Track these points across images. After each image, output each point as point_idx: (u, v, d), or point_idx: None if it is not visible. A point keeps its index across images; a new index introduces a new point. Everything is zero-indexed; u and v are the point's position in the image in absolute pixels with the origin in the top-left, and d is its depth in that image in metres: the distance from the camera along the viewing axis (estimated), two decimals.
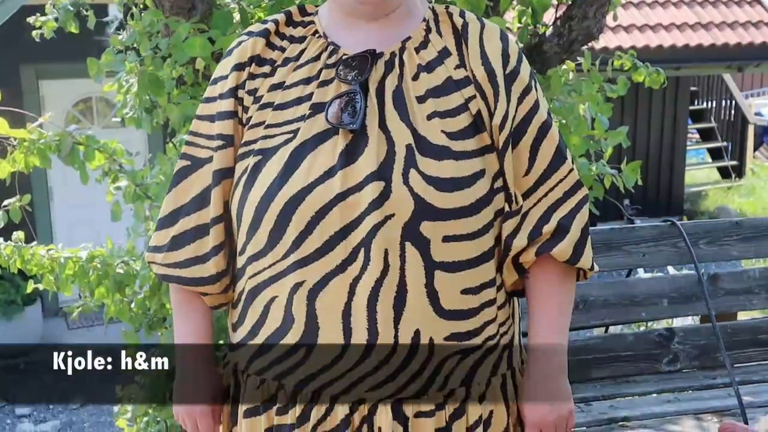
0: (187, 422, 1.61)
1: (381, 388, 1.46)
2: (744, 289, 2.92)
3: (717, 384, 2.77)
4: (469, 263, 1.48)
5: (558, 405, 1.56)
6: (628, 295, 2.81)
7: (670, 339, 2.86)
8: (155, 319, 3.12)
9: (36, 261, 3.07)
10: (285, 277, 1.47)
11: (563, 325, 1.58)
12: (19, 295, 6.55)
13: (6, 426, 5.57)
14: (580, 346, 2.77)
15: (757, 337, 2.94)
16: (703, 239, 2.88)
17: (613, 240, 2.80)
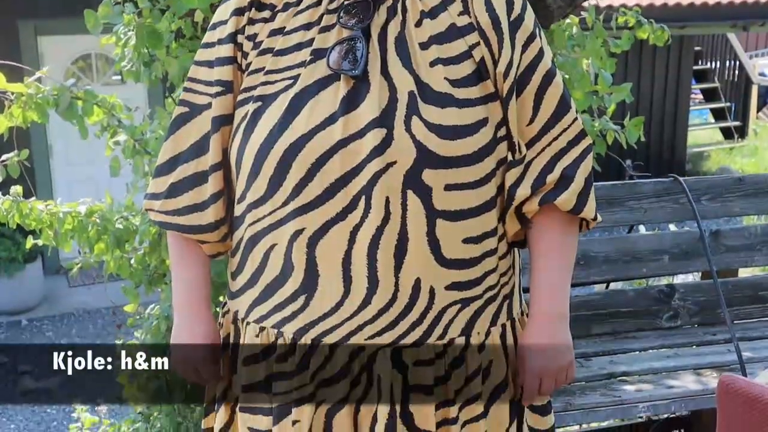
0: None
1: (381, 337, 1.45)
2: (745, 246, 2.91)
3: (717, 340, 2.77)
4: (471, 212, 1.47)
5: (559, 355, 1.55)
6: (629, 251, 2.80)
7: (670, 295, 2.85)
8: (155, 275, 3.11)
9: (34, 215, 3.05)
10: (285, 224, 1.46)
11: (565, 275, 1.58)
12: (20, 252, 6.55)
13: (8, 382, 5.59)
14: (581, 302, 2.77)
15: (757, 293, 2.93)
16: (705, 195, 2.86)
17: (615, 196, 2.78)
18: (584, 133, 1.57)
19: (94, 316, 6.57)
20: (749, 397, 1.56)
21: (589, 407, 2.30)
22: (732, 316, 2.64)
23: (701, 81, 12.57)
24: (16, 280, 6.58)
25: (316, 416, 1.47)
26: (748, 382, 1.58)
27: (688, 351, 2.68)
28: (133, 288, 3.17)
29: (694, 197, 2.77)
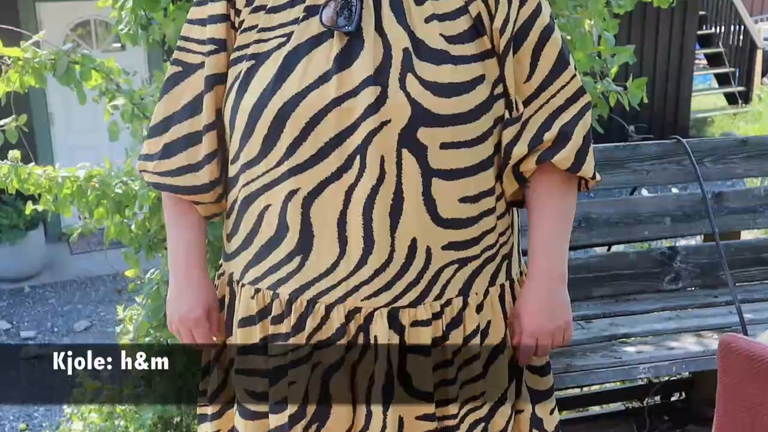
0: (182, 332, 1.60)
1: (377, 297, 1.44)
2: (748, 208, 2.88)
3: (718, 302, 2.75)
4: (468, 171, 1.45)
5: (556, 315, 1.54)
6: (631, 213, 2.78)
7: (672, 258, 2.84)
8: (155, 240, 3.10)
9: (33, 180, 3.03)
10: (279, 184, 1.44)
11: (564, 234, 1.56)
12: (21, 219, 6.54)
13: (12, 348, 5.61)
14: (582, 264, 2.75)
15: (759, 256, 2.92)
16: (708, 157, 2.84)
17: (617, 157, 2.75)
18: (583, 90, 1.54)
19: (96, 282, 6.59)
20: (750, 356, 1.55)
21: (589, 369, 2.29)
22: (734, 279, 2.62)
23: (705, 46, 12.46)
24: (17, 247, 6.58)
25: (312, 378, 1.47)
26: (749, 341, 1.57)
27: (689, 313, 2.66)
28: (133, 253, 3.16)
29: (696, 159, 2.74)
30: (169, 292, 1.62)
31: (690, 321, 2.59)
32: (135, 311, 3.33)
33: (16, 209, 6.48)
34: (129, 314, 3.38)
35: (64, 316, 6.07)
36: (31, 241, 6.66)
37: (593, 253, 2.90)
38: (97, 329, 5.84)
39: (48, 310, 6.17)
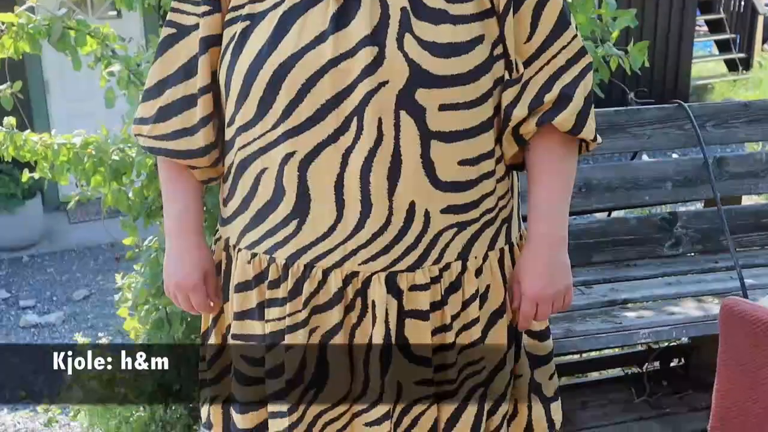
0: (179, 297, 1.59)
1: (374, 261, 1.42)
2: (750, 173, 2.86)
3: (719, 268, 2.74)
4: (467, 133, 1.43)
5: (557, 279, 1.52)
6: (631, 178, 2.76)
7: (672, 223, 2.82)
8: (153, 208, 3.08)
9: (29, 147, 3.01)
10: (275, 147, 1.42)
11: (564, 197, 1.54)
12: (19, 188, 6.51)
13: (11, 317, 5.62)
14: (582, 230, 2.73)
15: (760, 221, 2.90)
16: (710, 121, 2.81)
17: (618, 122, 2.73)
18: (584, 51, 1.51)
19: (94, 252, 6.58)
20: (752, 319, 1.54)
21: (589, 334, 2.28)
22: (734, 244, 2.60)
23: (706, 12, 12.36)
24: (15, 217, 6.57)
25: (309, 342, 1.45)
26: (752, 305, 1.55)
27: (689, 278, 2.65)
28: (131, 221, 3.14)
29: (699, 123, 2.72)
30: (165, 257, 1.61)
31: (690, 286, 2.58)
32: (133, 279, 3.32)
33: (13, 178, 6.46)
34: (128, 282, 3.37)
35: (63, 285, 6.07)
36: (29, 210, 6.64)
37: (593, 219, 2.88)
38: (96, 298, 5.84)
39: (47, 280, 6.17)
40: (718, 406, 1.62)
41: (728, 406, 1.61)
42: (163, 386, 3.30)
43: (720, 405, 1.62)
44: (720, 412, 1.62)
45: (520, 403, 1.62)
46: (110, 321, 5.19)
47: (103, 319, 5.40)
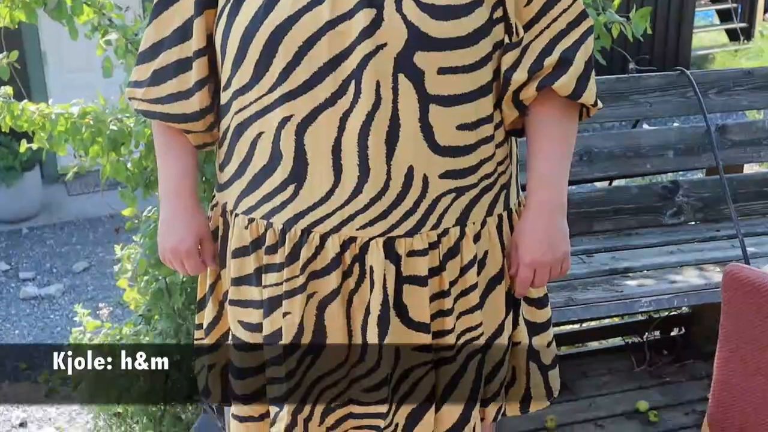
0: (174, 263, 1.58)
1: (372, 226, 1.40)
2: (752, 141, 2.85)
3: (720, 236, 2.73)
4: (466, 97, 1.41)
5: (555, 246, 1.51)
6: (633, 146, 2.74)
7: (674, 192, 2.80)
8: (152, 179, 3.06)
9: (26, 117, 2.99)
10: (272, 111, 1.40)
11: (564, 163, 1.52)
12: (17, 161, 6.49)
13: (11, 289, 5.62)
14: (583, 199, 2.72)
15: (762, 189, 2.89)
16: (712, 89, 2.79)
17: (619, 89, 2.70)
18: (585, 14, 1.49)
19: (94, 224, 6.57)
20: (755, 285, 1.53)
21: (590, 302, 2.27)
22: (736, 213, 2.59)
23: None
24: (14, 189, 6.55)
25: (307, 309, 1.44)
26: (755, 271, 1.54)
27: (691, 247, 2.64)
28: (130, 192, 3.13)
29: (701, 90, 2.69)
30: (160, 221, 1.59)
31: (692, 255, 2.57)
32: (133, 250, 3.32)
33: (11, 150, 6.44)
34: (127, 253, 3.37)
35: (63, 257, 6.07)
36: (28, 182, 6.63)
37: (594, 188, 2.87)
38: (95, 270, 5.84)
39: (46, 252, 6.17)
40: (720, 373, 1.61)
41: (730, 373, 1.60)
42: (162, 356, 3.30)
43: (721, 371, 1.61)
44: (722, 379, 1.61)
45: (518, 370, 1.61)
46: (110, 293, 5.20)
47: (103, 291, 5.41)
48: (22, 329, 5.09)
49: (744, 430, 1.60)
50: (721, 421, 1.64)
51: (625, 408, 2.78)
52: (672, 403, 2.79)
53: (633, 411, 2.76)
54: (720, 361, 1.62)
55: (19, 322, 5.18)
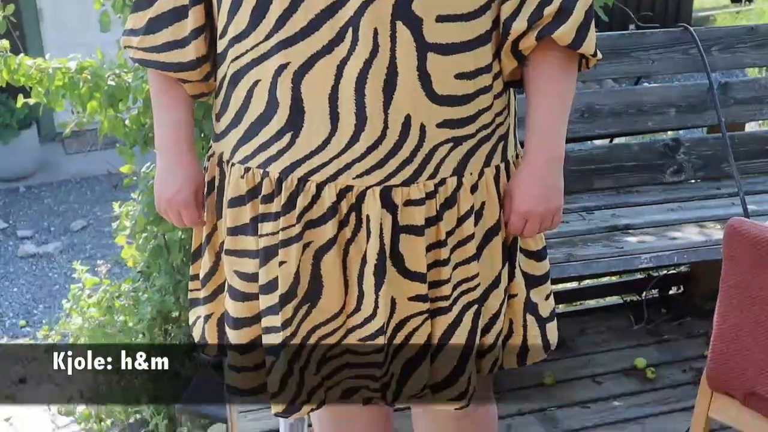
0: (170, 213, 1.56)
1: (369, 175, 1.39)
2: (754, 99, 2.82)
3: (721, 194, 2.72)
4: (465, 46, 1.39)
5: (548, 198, 1.49)
6: (635, 103, 2.72)
7: (675, 149, 2.79)
8: (150, 135, 3.05)
9: (23, 72, 2.96)
10: (268, 59, 1.38)
11: (563, 114, 1.50)
12: (14, 119, 6.46)
13: (9, 247, 5.63)
14: (584, 156, 2.71)
15: (763, 147, 2.87)
16: (715, 46, 2.76)
17: (622, 46, 2.68)
18: None
19: (91, 182, 6.56)
20: (757, 240, 1.51)
21: (590, 258, 2.26)
22: (737, 171, 2.57)
23: None
24: (10, 147, 6.53)
25: (303, 257, 1.43)
26: (757, 225, 1.53)
27: (691, 205, 2.63)
28: (128, 148, 3.11)
29: (704, 47, 2.66)
30: (156, 172, 1.58)
31: (692, 212, 2.57)
32: (131, 207, 3.31)
33: (7, 108, 6.41)
34: (125, 210, 3.36)
35: (61, 216, 6.07)
36: (25, 140, 6.61)
37: (595, 145, 2.85)
38: (93, 228, 5.84)
39: (44, 210, 6.17)
40: (719, 327, 1.61)
41: (729, 327, 1.59)
42: (162, 313, 3.31)
43: (721, 326, 1.61)
44: (721, 333, 1.61)
45: (515, 323, 1.60)
46: (108, 251, 5.21)
47: (100, 250, 5.42)
48: (21, 287, 5.10)
49: (743, 384, 1.60)
50: (721, 375, 1.63)
51: (623, 365, 2.79)
52: (670, 361, 2.80)
53: (631, 368, 2.77)
54: (720, 316, 1.62)
55: (18, 279, 5.19)
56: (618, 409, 2.57)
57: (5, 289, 5.09)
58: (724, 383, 1.64)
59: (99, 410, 3.58)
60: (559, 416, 2.53)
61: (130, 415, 3.46)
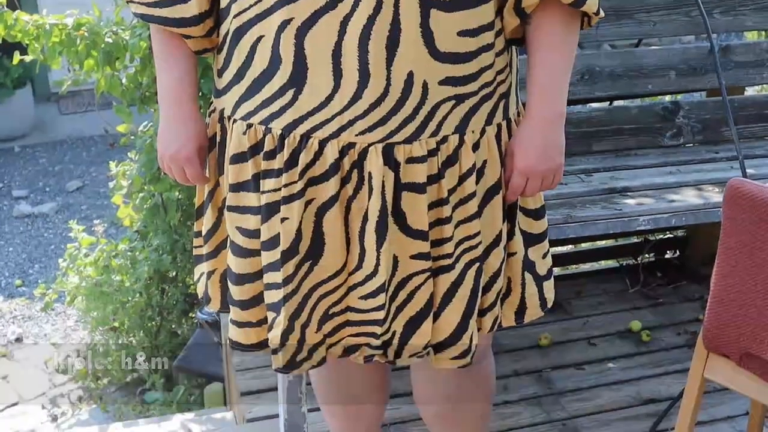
0: (173, 169, 1.56)
1: (372, 132, 1.39)
2: (755, 62, 2.81)
3: (719, 158, 2.72)
4: (467, 3, 1.38)
5: (549, 156, 1.50)
6: (635, 66, 2.70)
7: (674, 113, 2.78)
8: (147, 94, 3.03)
9: (20, 27, 2.94)
10: (271, 14, 1.37)
11: (565, 72, 1.49)
12: (8, 78, 6.40)
13: (4, 207, 5.61)
14: (583, 119, 2.70)
15: (763, 112, 2.86)
16: (717, 9, 2.74)
17: (624, 7, 2.65)
18: None
19: (87, 143, 6.53)
20: (757, 199, 1.51)
21: (589, 220, 2.26)
22: (737, 135, 2.57)
23: None
24: (5, 106, 6.47)
25: (305, 214, 1.43)
26: (757, 186, 1.53)
27: (690, 168, 2.62)
28: (125, 107, 3.10)
29: (706, 9, 2.64)
30: (159, 127, 1.57)
31: (691, 175, 2.56)
32: (128, 167, 3.30)
33: (2, 67, 6.35)
34: (122, 169, 3.35)
35: (56, 176, 6.04)
36: (19, 100, 6.55)
37: (594, 107, 2.84)
38: (89, 189, 5.82)
39: (39, 170, 6.14)
40: (716, 287, 1.61)
41: (726, 287, 1.59)
42: (159, 272, 3.31)
43: (718, 286, 1.61)
44: (718, 295, 1.61)
45: (513, 281, 1.61)
46: (104, 212, 5.20)
47: (96, 210, 5.40)
48: (16, 246, 5.09)
49: (739, 345, 1.60)
50: (717, 337, 1.64)
51: (618, 327, 2.81)
52: (665, 324, 2.83)
53: (626, 330, 2.79)
54: (717, 276, 1.62)
55: (13, 239, 5.18)
56: (613, 370, 2.59)
57: (0, 249, 5.08)
58: (720, 344, 1.64)
59: (95, 368, 3.60)
60: (554, 377, 2.55)
61: (127, 374, 3.49)
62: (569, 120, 1.47)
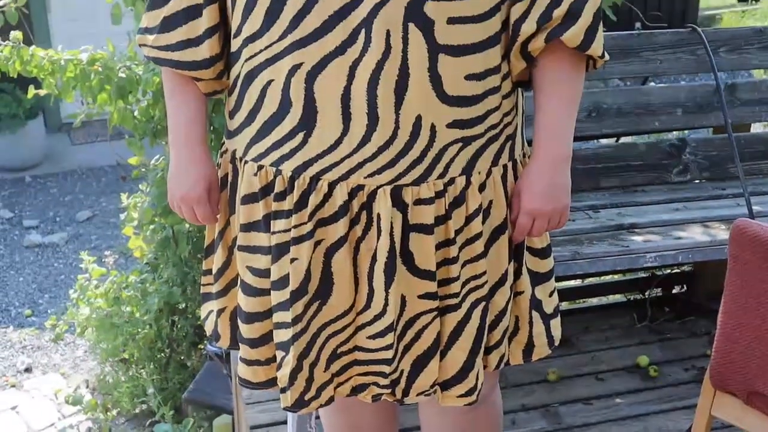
0: (184, 210, 1.58)
1: (380, 175, 1.41)
2: (761, 100, 2.83)
3: (726, 195, 2.73)
4: (475, 47, 1.41)
5: (556, 197, 1.52)
6: (642, 103, 2.73)
7: (681, 149, 2.80)
8: (159, 127, 3.07)
9: (35, 63, 2.98)
10: (282, 59, 1.40)
11: (570, 115, 1.52)
12: (21, 109, 6.45)
13: (15, 237, 5.64)
14: (590, 155, 2.72)
15: None
16: (723, 47, 2.77)
17: (630, 46, 2.69)
18: None
19: (97, 173, 6.56)
20: (762, 240, 1.53)
21: (596, 256, 2.28)
22: (743, 171, 2.59)
23: None
24: (17, 137, 6.52)
25: (315, 255, 1.45)
26: (762, 226, 1.54)
27: (696, 205, 2.64)
28: (137, 140, 3.13)
29: (712, 48, 2.67)
30: (170, 168, 1.60)
31: (697, 212, 2.58)
32: (139, 198, 3.33)
33: (15, 98, 6.40)
34: (133, 201, 3.38)
35: (66, 206, 6.07)
36: (31, 130, 6.60)
37: (602, 144, 2.86)
38: (99, 219, 5.85)
39: (50, 200, 6.17)
40: (723, 326, 1.62)
41: (733, 326, 1.61)
42: (169, 304, 3.33)
43: (725, 325, 1.62)
44: (725, 333, 1.62)
45: (521, 320, 1.63)
46: (114, 242, 5.23)
47: (106, 241, 5.42)
48: (27, 276, 5.12)
49: (746, 383, 1.62)
50: (724, 375, 1.65)
51: (625, 363, 2.80)
52: (672, 359, 2.82)
53: (633, 366, 2.79)
54: (724, 315, 1.63)
55: (23, 269, 5.20)
56: (620, 406, 2.58)
57: (11, 279, 5.10)
58: (727, 382, 1.65)
59: (105, 400, 3.62)
60: (562, 412, 2.55)
61: (137, 405, 3.50)
62: (576, 156, 1.49)
